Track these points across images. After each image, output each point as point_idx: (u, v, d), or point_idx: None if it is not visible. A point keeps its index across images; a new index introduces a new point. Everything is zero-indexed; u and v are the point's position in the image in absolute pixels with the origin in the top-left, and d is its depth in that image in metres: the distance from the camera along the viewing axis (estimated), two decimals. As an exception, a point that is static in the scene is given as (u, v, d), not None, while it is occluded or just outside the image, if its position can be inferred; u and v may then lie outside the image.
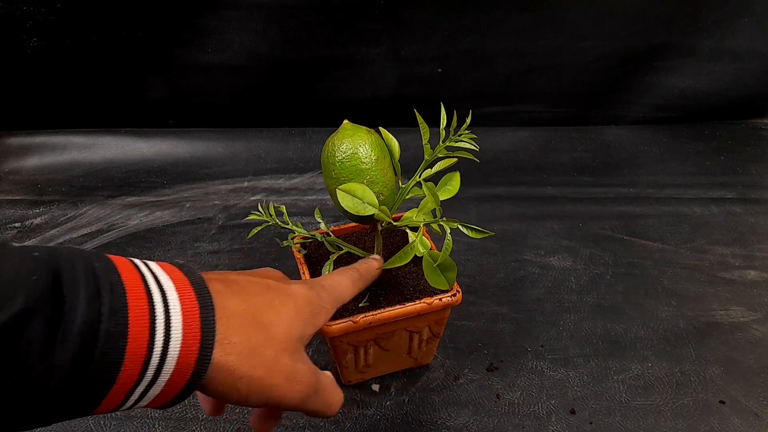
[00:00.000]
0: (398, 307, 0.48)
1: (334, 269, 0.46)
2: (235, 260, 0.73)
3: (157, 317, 0.28)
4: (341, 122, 0.47)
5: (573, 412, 0.55)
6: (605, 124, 1.00)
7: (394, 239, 0.57)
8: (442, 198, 0.46)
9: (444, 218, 0.44)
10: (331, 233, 0.54)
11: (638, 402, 0.56)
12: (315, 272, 0.52)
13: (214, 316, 0.30)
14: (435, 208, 0.44)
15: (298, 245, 0.54)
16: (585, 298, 0.67)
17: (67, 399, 0.27)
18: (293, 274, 0.70)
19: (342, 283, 0.42)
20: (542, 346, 0.62)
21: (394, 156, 0.49)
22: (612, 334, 0.63)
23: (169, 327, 0.29)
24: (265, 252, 0.74)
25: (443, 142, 0.49)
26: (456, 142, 0.49)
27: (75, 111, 0.92)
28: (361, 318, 0.47)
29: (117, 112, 0.93)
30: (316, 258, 0.54)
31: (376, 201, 0.45)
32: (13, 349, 0.25)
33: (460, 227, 0.44)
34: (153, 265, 0.31)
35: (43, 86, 0.88)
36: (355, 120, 0.48)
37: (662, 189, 0.86)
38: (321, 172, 0.90)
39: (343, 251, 0.52)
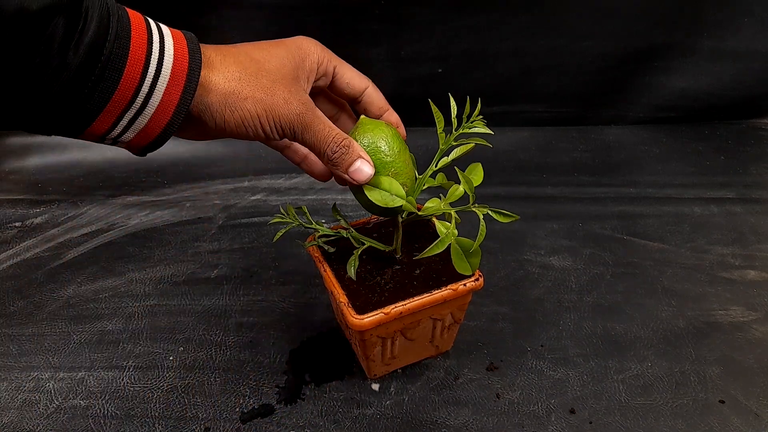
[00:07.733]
0: (426, 295, 0.49)
1: (359, 265, 0.49)
2: (236, 260, 0.73)
3: (153, 47, 0.35)
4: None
5: (573, 411, 0.55)
6: (605, 124, 1.00)
7: (406, 229, 0.57)
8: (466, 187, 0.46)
9: (476, 204, 0.44)
10: (353, 229, 0.54)
11: (638, 401, 0.56)
12: (334, 268, 0.53)
13: (199, 47, 0.38)
14: (468, 195, 0.45)
15: (326, 245, 0.54)
16: (585, 297, 0.67)
17: (70, 102, 0.33)
18: (292, 275, 0.71)
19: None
20: (542, 346, 0.62)
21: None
22: (612, 333, 0.63)
23: (163, 53, 0.35)
24: (265, 252, 0.74)
25: (456, 130, 0.49)
26: (470, 129, 0.49)
27: (75, 111, 0.92)
28: (392, 309, 0.48)
29: (117, 111, 0.93)
30: (335, 255, 0.54)
31: (404, 192, 0.45)
32: (39, 35, 0.30)
33: (489, 212, 0.45)
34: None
35: (44, 86, 0.88)
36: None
37: (662, 189, 0.86)
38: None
39: (366, 246, 0.52)
